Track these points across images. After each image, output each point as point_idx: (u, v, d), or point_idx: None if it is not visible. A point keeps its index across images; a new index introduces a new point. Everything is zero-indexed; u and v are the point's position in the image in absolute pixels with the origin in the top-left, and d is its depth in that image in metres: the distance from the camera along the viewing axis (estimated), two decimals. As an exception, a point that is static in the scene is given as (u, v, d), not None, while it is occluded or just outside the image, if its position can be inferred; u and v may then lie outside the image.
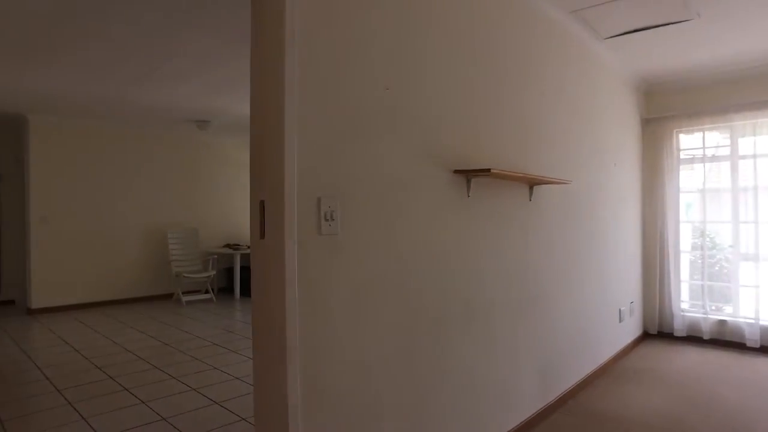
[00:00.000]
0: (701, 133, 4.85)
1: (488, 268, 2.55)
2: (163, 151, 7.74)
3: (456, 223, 2.34)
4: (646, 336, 5.06)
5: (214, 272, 7.58)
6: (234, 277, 7.75)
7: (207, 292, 7.53)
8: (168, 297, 7.63)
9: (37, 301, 6.52)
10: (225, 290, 8.31)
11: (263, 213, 1.64)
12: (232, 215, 8.62)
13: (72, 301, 6.78)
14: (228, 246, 8.28)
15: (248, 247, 8.04)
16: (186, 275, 7.16)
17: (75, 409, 3.21)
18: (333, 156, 1.73)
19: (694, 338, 4.81)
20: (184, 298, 7.18)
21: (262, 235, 1.65)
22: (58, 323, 5.89)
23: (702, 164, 4.84)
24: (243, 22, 3.17)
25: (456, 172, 2.30)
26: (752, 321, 4.45)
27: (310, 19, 1.64)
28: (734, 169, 4.58)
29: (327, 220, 1.67)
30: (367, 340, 1.85)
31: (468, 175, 2.32)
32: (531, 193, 2.91)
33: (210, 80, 4.91)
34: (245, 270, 8.00)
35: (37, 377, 3.86)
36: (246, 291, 7.87)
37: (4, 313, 6.59)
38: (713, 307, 4.80)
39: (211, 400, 3.38)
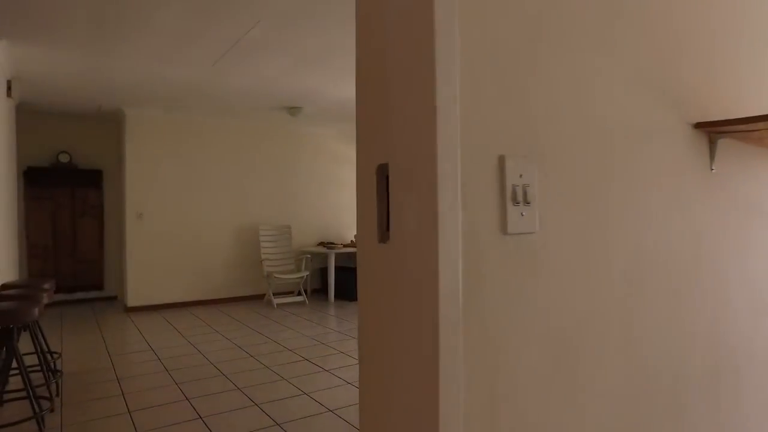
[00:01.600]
0: None
1: (736, 292, 1.56)
2: (254, 143, 7.36)
3: (695, 217, 1.38)
4: None
5: (308, 273, 7.06)
6: (328, 279, 7.18)
7: (299, 294, 7.03)
8: (259, 298, 7.24)
9: (133, 299, 6.35)
10: (318, 292, 7.80)
11: (386, 189, 0.83)
12: (327, 211, 8.09)
13: (165, 300, 6.56)
14: (322, 244, 7.75)
15: (344, 246, 7.44)
16: (277, 275, 6.68)
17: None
18: (516, 85, 0.88)
19: None
20: (276, 300, 6.72)
21: (385, 237, 0.84)
22: (155, 321, 5.63)
23: None
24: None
25: (698, 126, 1.35)
26: None
27: None
28: None
29: (517, 203, 0.83)
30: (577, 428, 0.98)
31: (714, 130, 1.36)
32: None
33: (299, 53, 4.28)
34: (341, 271, 7.41)
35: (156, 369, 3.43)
36: (341, 293, 7.27)
37: (105, 310, 6.51)
38: None
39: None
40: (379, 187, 0.85)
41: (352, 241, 8.13)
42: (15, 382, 3.53)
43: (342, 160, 8.30)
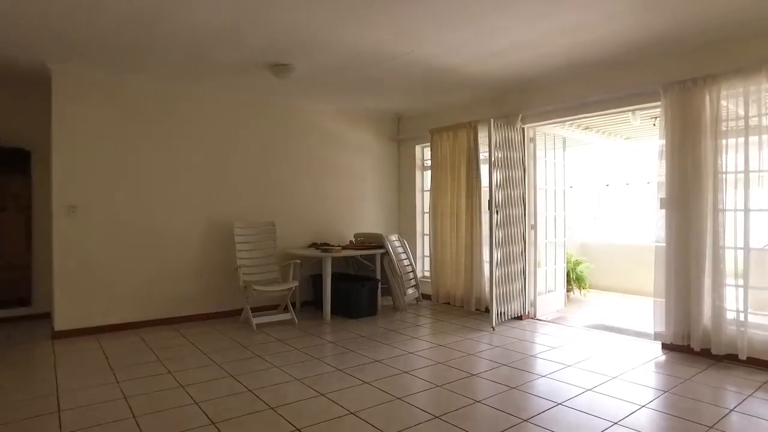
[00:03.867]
0: None
1: None
2: (228, 116, 5.77)
3: None
4: None
5: (296, 284, 5.48)
6: (323, 290, 5.61)
7: (287, 309, 5.46)
8: (234, 315, 5.65)
9: (62, 321, 4.72)
10: (310, 306, 6.22)
11: None
12: (322, 205, 6.53)
13: (107, 320, 4.94)
14: (315, 246, 6.18)
15: (343, 248, 5.86)
16: (257, 287, 5.10)
17: None
18: None
19: None
20: (256, 320, 5.14)
21: None
22: (84, 353, 4.01)
23: None
24: None
25: None
26: None
27: None
28: None
29: None
30: None
31: None
32: None
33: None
34: (339, 280, 5.86)
35: None
36: (340, 309, 5.71)
37: (28, 334, 4.86)
38: None
39: None
40: None
41: (352, 241, 6.59)
42: None
43: (341, 142, 6.76)
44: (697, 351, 4.04)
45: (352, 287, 5.71)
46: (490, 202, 5.03)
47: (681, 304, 4.15)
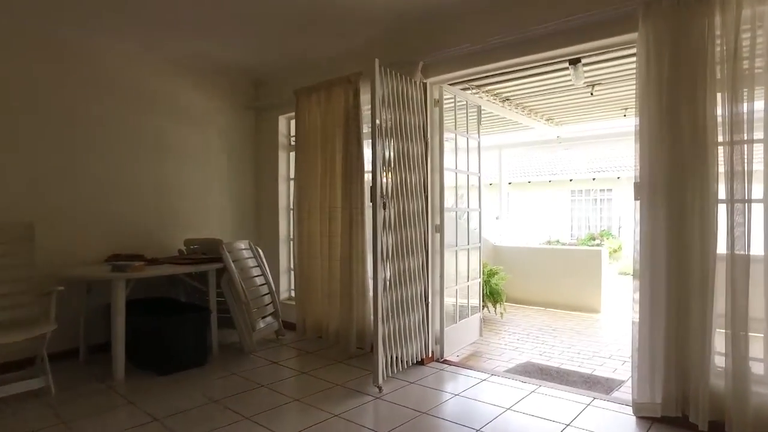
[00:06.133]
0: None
1: None
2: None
3: None
4: None
5: (52, 327, 3.26)
6: (112, 331, 3.48)
7: (42, 362, 3.23)
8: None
9: None
10: (106, 351, 3.98)
11: None
12: (132, 200, 4.33)
13: None
14: (116, 259, 3.98)
15: (163, 262, 3.71)
16: (-35, 341, 2.84)
17: None
18: None
19: None
20: (-39, 400, 2.88)
21: None
22: None
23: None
24: None
25: None
26: None
27: None
28: None
29: None
30: None
31: None
32: None
33: None
34: (149, 312, 3.76)
35: None
36: (149, 360, 3.63)
37: None
38: None
39: None
40: None
41: (181, 250, 4.47)
42: None
43: (168, 109, 4.59)
44: (702, 431, 2.48)
45: (164, 324, 3.61)
46: (373, 191, 3.19)
47: (673, 352, 2.60)
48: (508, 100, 5.36)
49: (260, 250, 4.64)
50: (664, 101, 2.58)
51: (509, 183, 14.65)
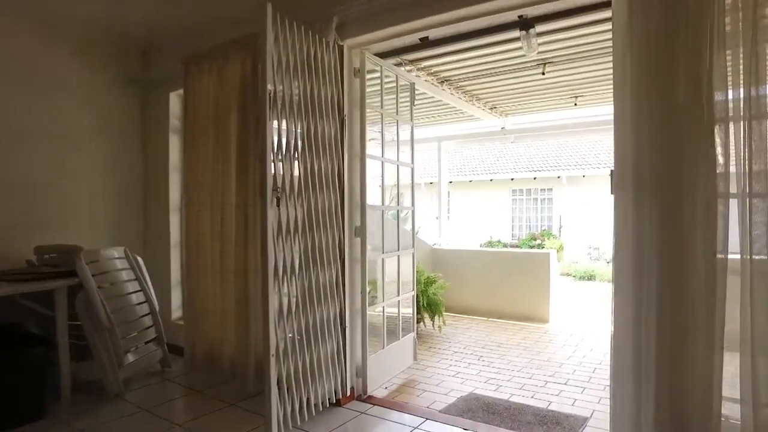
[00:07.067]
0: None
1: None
2: None
3: None
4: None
5: None
6: None
7: None
8: None
9: None
10: None
11: None
12: None
13: None
14: None
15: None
16: None
17: None
18: None
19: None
20: None
21: None
22: None
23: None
24: None
25: None
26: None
27: None
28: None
29: None
30: None
31: None
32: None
33: None
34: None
35: None
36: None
37: None
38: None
39: None
40: None
41: (31, 261, 3.43)
42: None
43: (28, 80, 3.54)
44: None
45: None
46: (263, 183, 2.33)
47: (666, 385, 1.92)
48: (447, 81, 4.64)
49: (140, 259, 3.66)
50: (653, 62, 1.89)
51: (450, 182, 14.16)
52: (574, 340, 4.61)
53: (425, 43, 3.62)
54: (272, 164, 2.34)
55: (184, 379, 3.43)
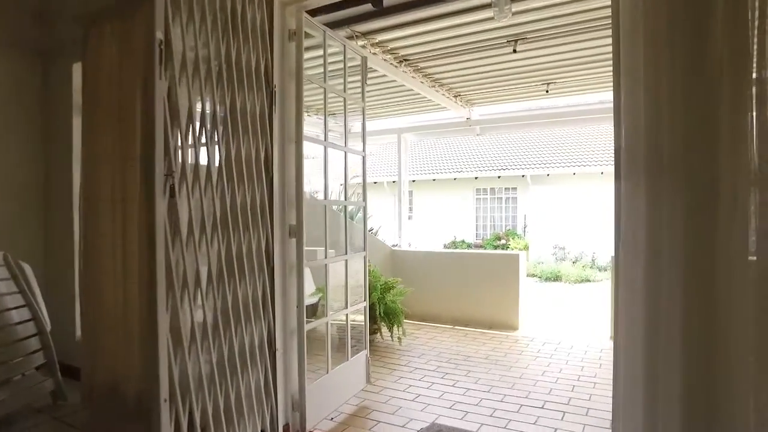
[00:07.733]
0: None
1: None
2: None
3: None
4: None
5: None
6: None
7: None
8: None
9: None
10: None
11: None
12: None
13: None
14: None
15: None
16: None
17: None
18: None
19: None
20: None
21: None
22: None
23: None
24: None
25: None
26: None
27: None
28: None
29: None
30: None
31: None
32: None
33: None
34: None
35: None
36: None
37: None
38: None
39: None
40: None
41: None
42: None
43: None
44: None
45: None
46: (148, 165, 1.73)
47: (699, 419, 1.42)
48: (406, 61, 4.10)
49: (27, 268, 2.96)
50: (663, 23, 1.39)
51: (413, 181, 13.70)
52: (548, 350, 4.16)
53: (379, 10, 3.09)
54: (163, 139, 1.74)
55: (77, 419, 2.76)
